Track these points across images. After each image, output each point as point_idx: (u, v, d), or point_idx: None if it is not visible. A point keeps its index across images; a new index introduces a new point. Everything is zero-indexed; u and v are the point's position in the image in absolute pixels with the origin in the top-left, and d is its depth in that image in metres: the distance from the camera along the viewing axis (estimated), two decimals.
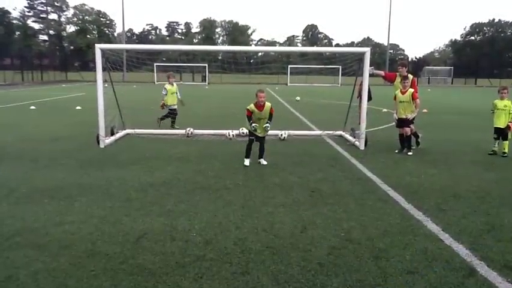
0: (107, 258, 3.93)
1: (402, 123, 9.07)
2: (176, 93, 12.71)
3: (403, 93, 9.02)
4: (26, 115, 15.77)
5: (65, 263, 3.84)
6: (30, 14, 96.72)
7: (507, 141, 8.89)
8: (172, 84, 12.68)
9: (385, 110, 17.28)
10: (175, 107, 12.71)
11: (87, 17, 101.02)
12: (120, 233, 4.54)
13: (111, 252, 4.06)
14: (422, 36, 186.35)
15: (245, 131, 11.28)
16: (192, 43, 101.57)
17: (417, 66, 72.65)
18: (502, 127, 8.89)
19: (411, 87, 9.16)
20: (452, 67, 69.73)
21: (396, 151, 9.17)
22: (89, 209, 5.30)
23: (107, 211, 5.22)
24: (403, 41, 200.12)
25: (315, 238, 4.46)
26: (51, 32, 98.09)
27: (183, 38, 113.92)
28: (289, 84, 52.29)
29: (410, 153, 8.95)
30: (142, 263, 3.85)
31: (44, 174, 7.01)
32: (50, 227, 4.66)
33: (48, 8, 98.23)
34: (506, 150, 8.87)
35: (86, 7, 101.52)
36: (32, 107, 18.40)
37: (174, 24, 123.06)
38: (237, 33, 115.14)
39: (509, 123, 8.81)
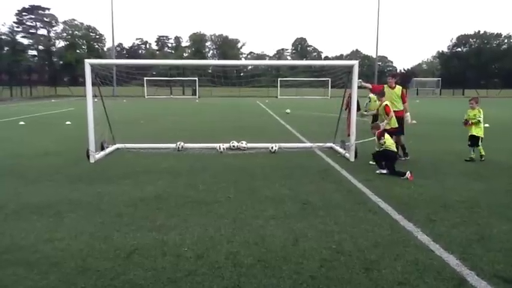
0: (98, 275, 3.89)
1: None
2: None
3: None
4: (15, 131, 15.64)
5: (55, 280, 3.80)
6: (19, 29, 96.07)
7: (480, 147, 9.60)
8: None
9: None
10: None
11: (76, 32, 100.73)
12: (111, 248, 4.50)
13: (102, 268, 4.03)
14: (410, 48, 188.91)
15: (236, 144, 11.31)
16: (182, 57, 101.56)
17: (405, 78, 73.73)
18: (473, 134, 9.65)
19: (401, 98, 9.66)
20: (440, 78, 70.70)
21: None
22: (78, 225, 5.25)
23: (97, 227, 5.18)
24: (392, 53, 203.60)
25: (306, 251, 4.47)
26: (40, 47, 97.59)
27: (173, 52, 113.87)
28: (279, 97, 52.59)
29: (402, 159, 9.19)
30: (134, 279, 3.82)
31: (33, 190, 6.94)
32: (39, 244, 4.61)
33: (38, 23, 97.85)
34: (483, 153, 9.58)
35: (76, 22, 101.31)
36: (21, 123, 18.26)
37: (164, 38, 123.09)
38: (227, 47, 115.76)
39: (469, 120, 9.64)
